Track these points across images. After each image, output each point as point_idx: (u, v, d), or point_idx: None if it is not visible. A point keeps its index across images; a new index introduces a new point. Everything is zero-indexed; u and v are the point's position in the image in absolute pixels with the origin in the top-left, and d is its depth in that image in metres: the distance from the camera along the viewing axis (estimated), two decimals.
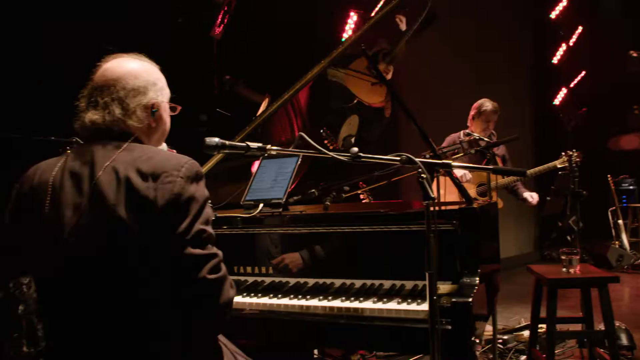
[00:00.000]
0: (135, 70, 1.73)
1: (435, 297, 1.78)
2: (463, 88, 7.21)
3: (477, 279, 2.04)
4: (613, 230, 8.63)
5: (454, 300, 1.94)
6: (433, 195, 1.80)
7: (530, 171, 5.01)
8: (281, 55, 5.23)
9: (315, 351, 3.40)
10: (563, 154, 5.04)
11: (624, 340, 4.11)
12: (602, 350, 3.41)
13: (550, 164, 5.08)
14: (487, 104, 4.80)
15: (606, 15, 11.04)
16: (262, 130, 3.64)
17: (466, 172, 4.80)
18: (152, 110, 1.73)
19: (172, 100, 1.85)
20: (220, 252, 1.61)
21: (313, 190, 3.11)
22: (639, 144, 10.72)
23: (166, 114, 1.83)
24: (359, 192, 4.33)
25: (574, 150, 5.05)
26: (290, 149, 2.16)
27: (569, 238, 9.36)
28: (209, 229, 1.59)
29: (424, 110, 6.85)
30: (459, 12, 7.64)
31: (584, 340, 3.74)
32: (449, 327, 1.91)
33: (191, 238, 1.53)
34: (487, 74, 8.08)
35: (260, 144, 2.00)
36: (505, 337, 4.31)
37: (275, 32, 5.26)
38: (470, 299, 1.92)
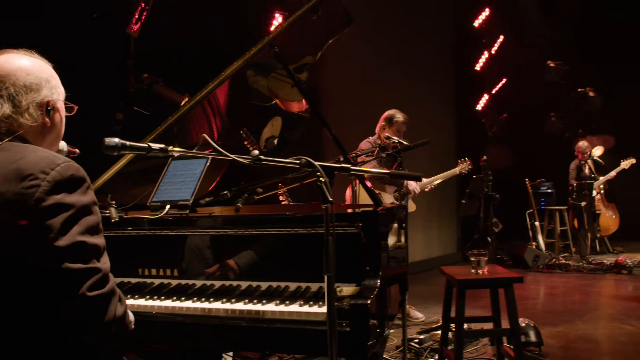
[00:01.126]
0: (27, 67, 1.61)
1: (334, 300, 1.78)
2: (387, 92, 7.34)
3: (379, 280, 2.07)
4: (530, 232, 9.02)
5: (352, 302, 1.95)
6: (331, 199, 1.81)
7: (432, 178, 5.23)
8: (202, 54, 5.16)
9: (231, 354, 3.36)
10: (459, 161, 5.36)
11: (532, 336, 4.29)
12: (508, 346, 3.54)
13: (451, 172, 5.37)
14: (399, 115, 4.94)
15: (527, 26, 11.55)
16: (180, 130, 3.57)
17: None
18: (47, 108, 1.63)
19: (67, 99, 1.76)
20: (105, 266, 1.47)
21: (225, 192, 3.08)
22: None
23: (62, 113, 1.73)
24: (279, 192, 4.33)
25: (465, 158, 5.42)
26: (193, 151, 2.11)
27: (489, 239, 9.72)
28: (93, 239, 1.44)
29: (348, 114, 6.95)
30: (383, 17, 7.78)
31: (495, 338, 3.87)
32: (347, 329, 1.92)
33: (66, 251, 1.38)
34: (412, 80, 8.26)
35: (162, 145, 1.93)
36: (422, 336, 4.41)
37: (196, 31, 5.19)
38: (369, 301, 1.94)
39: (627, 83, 11.73)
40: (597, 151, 10.82)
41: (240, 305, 2.15)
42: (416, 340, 4.33)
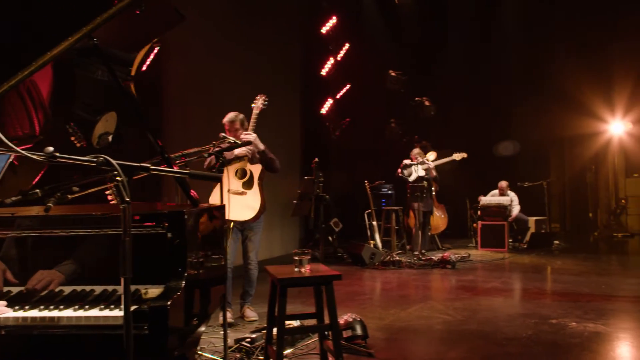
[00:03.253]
0: None
1: (130, 302, 1.75)
2: (232, 95, 7.34)
3: (184, 282, 2.05)
4: (368, 231, 9.50)
5: (152, 305, 1.92)
6: (128, 199, 1.77)
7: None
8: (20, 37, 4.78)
9: None
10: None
11: (358, 330, 4.51)
12: (330, 341, 3.68)
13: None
14: (226, 117, 5.05)
15: (371, 36, 12.17)
16: None
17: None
18: None
19: None
20: None
21: (36, 191, 2.88)
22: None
23: None
24: (107, 192, 4.13)
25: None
26: None
27: (330, 238, 10.11)
28: None
29: (190, 115, 6.85)
30: (231, 19, 7.77)
31: (325, 333, 4.01)
32: (147, 332, 1.89)
33: None
34: (258, 82, 8.33)
35: None
36: (254, 335, 4.45)
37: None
38: (169, 302, 1.92)
39: (454, 94, 12.86)
40: (431, 156, 11.70)
41: (34, 313, 2.01)
42: (248, 340, 4.36)
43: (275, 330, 3.29)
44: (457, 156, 10.10)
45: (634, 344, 4.42)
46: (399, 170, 9.71)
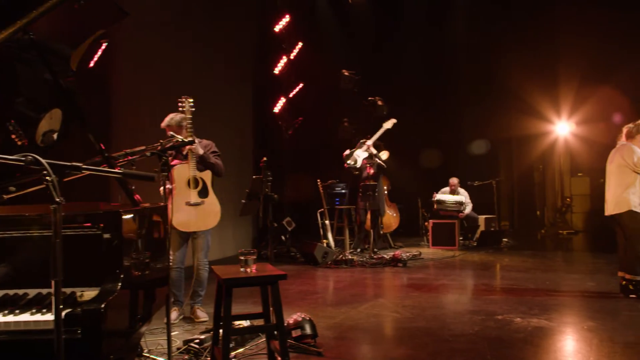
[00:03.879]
0: None
1: (60, 305, 1.69)
2: (186, 92, 7.24)
3: (120, 284, 2.00)
4: (321, 230, 9.51)
5: (85, 308, 1.87)
6: (59, 199, 1.71)
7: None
8: None
9: None
10: None
11: (307, 329, 4.51)
12: (273, 340, 3.67)
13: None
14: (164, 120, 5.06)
15: (325, 36, 12.20)
16: None
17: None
18: None
19: None
20: None
21: None
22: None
23: None
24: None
25: None
26: None
27: (283, 238, 10.09)
28: None
29: (141, 113, 6.72)
30: (183, 15, 7.66)
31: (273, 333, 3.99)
32: (79, 336, 1.83)
33: None
34: (210, 80, 8.24)
35: None
36: (203, 336, 4.39)
37: None
38: (103, 305, 1.87)
39: (407, 93, 13.05)
40: (383, 155, 11.80)
41: None
42: (197, 341, 4.30)
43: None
44: (388, 124, 10.26)
45: (575, 337, 4.56)
46: (345, 164, 9.81)
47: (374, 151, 9.90)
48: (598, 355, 4.09)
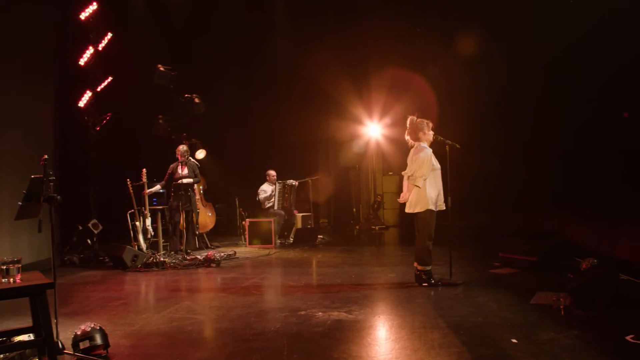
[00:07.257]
0: None
1: None
2: None
3: None
4: (132, 232, 8.99)
5: None
6: None
7: None
8: None
9: None
10: None
11: (98, 340, 4.20)
12: (45, 356, 3.32)
13: None
14: None
15: (137, 27, 11.61)
16: None
17: None
18: None
19: None
20: None
21: None
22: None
23: None
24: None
25: None
26: None
27: (89, 241, 9.40)
28: None
29: None
30: None
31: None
32: None
33: None
34: (3, 68, 7.41)
35: None
36: None
37: None
38: None
39: (225, 92, 12.94)
40: (200, 154, 11.56)
41: None
42: None
43: None
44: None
45: (369, 327, 4.77)
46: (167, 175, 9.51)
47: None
48: (387, 341, 4.32)
